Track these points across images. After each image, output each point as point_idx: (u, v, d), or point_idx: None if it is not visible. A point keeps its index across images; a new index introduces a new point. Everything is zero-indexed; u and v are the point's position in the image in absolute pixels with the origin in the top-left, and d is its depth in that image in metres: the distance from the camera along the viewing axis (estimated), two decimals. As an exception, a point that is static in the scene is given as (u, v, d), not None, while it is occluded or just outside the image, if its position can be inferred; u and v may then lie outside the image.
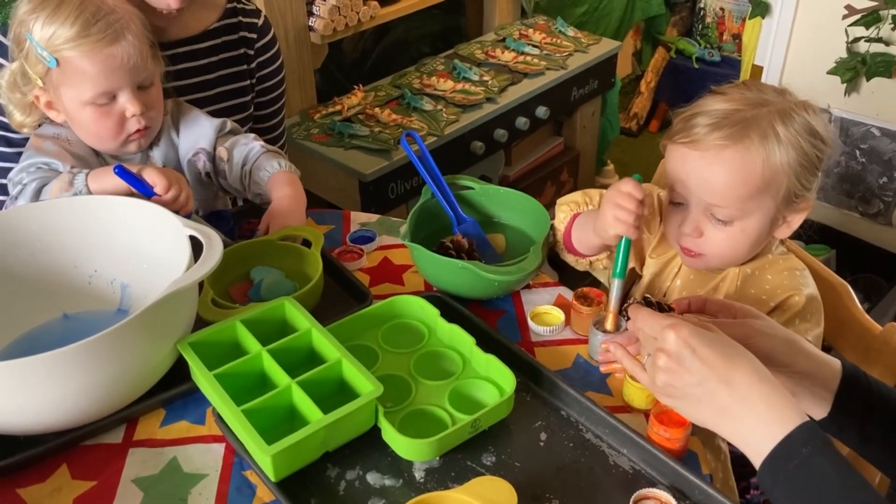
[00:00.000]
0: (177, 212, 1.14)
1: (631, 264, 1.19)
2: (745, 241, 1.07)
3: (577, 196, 1.24)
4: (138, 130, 1.23)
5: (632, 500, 0.87)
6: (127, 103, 1.20)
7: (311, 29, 2.08)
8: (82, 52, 1.14)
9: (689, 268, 1.16)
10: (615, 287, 1.02)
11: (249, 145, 1.33)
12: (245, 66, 1.53)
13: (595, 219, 1.10)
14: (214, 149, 1.33)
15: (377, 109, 2.14)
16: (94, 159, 1.27)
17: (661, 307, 0.93)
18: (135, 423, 1.00)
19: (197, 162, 1.33)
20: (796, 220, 1.08)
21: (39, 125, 1.27)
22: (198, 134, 1.33)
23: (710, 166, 1.02)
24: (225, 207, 1.46)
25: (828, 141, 1.04)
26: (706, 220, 1.07)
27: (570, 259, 1.24)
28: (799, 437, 0.76)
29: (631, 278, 1.23)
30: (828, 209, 2.43)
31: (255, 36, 1.53)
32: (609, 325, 1.03)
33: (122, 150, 1.26)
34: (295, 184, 1.30)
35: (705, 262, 1.11)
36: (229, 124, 1.36)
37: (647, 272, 1.21)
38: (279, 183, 1.29)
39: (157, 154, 1.31)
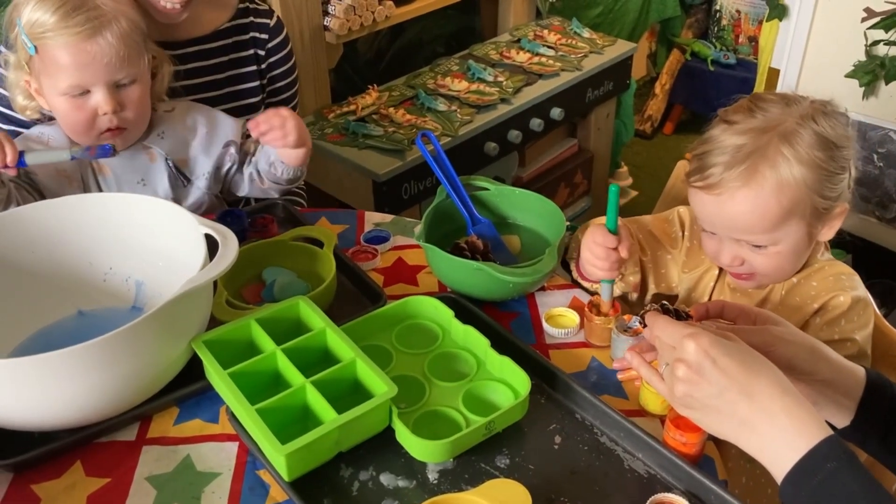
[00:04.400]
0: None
1: (634, 279, 1.20)
2: (784, 260, 1.08)
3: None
4: (110, 129, 1.23)
5: (647, 504, 0.86)
6: (100, 100, 1.20)
7: (326, 28, 2.08)
8: (58, 43, 1.15)
9: (737, 287, 1.16)
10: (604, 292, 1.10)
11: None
12: (255, 67, 1.53)
13: None
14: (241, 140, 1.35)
15: (391, 109, 2.14)
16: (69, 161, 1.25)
17: (679, 314, 0.92)
18: (149, 420, 1.00)
19: (226, 156, 1.34)
20: (836, 223, 1.09)
21: (42, 113, 1.28)
22: (222, 131, 1.34)
23: (729, 208, 1.03)
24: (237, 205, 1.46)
25: (843, 144, 1.03)
26: (741, 248, 1.07)
27: (585, 284, 1.23)
28: (823, 452, 0.73)
29: (642, 293, 1.24)
30: (844, 213, 2.42)
31: (266, 36, 1.53)
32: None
33: None
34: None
35: (758, 281, 1.12)
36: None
37: (682, 288, 1.22)
38: None
39: (158, 150, 1.31)
